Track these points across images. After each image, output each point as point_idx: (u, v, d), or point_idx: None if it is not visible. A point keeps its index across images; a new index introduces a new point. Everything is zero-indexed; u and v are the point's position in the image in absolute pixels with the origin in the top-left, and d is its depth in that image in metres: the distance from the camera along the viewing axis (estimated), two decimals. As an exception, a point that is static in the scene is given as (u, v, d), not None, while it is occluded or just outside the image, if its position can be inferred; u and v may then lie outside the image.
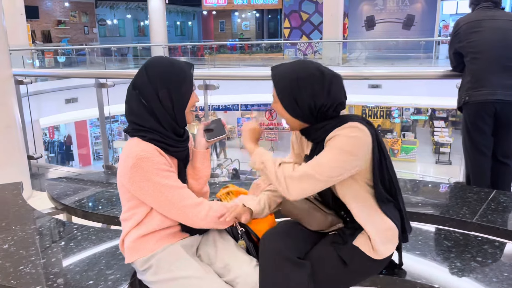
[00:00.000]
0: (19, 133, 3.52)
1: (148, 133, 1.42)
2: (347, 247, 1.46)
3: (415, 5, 17.96)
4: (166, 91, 1.42)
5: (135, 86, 1.45)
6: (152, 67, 1.44)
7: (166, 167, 1.41)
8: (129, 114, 1.46)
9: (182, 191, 1.43)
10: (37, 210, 2.21)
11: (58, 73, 5.80)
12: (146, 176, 1.37)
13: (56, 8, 18.76)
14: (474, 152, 2.84)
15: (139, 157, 1.37)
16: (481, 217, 2.01)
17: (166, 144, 1.43)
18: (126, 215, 1.49)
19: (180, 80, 1.44)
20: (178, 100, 1.44)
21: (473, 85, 2.73)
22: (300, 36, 18.70)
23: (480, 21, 2.79)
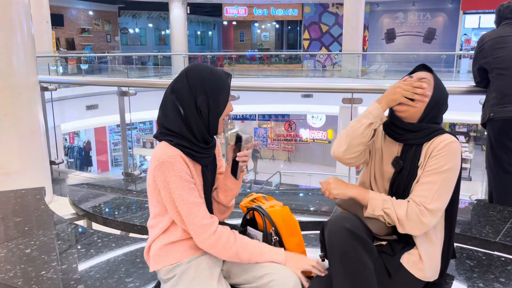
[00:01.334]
0: (42, 139, 3.59)
1: (175, 138, 1.43)
2: (394, 260, 1.47)
3: (436, 18, 17.84)
4: (205, 97, 1.43)
5: (173, 90, 1.47)
6: (192, 73, 1.46)
7: (186, 176, 1.41)
8: (161, 118, 1.47)
9: (194, 207, 1.41)
10: (58, 216, 2.25)
11: (82, 81, 5.94)
12: (165, 181, 1.39)
13: (80, 16, 19.20)
14: (497, 169, 2.79)
15: (162, 160, 1.39)
16: (505, 237, 1.97)
17: (192, 150, 1.45)
18: (153, 222, 1.50)
19: (219, 88, 1.46)
20: (215, 107, 1.45)
21: (498, 101, 2.69)
22: (320, 47, 18.75)
23: (505, 37, 2.77)
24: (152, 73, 17.47)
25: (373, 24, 18.55)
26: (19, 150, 3.37)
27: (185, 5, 17.81)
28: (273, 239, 1.55)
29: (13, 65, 3.30)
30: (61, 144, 10.72)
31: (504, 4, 2.93)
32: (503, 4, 2.93)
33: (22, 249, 1.86)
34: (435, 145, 1.48)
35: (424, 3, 17.64)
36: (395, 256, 1.49)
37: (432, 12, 17.81)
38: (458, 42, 17.29)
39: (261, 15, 19.58)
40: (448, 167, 1.45)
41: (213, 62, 19.00)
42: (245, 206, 1.68)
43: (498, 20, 2.93)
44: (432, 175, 1.45)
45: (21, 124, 3.37)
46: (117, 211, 2.37)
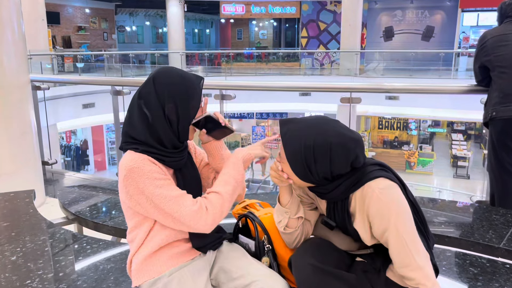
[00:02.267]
0: (34, 139, 3.51)
1: (141, 146, 1.34)
2: (380, 277, 1.34)
3: (434, 16, 17.79)
4: (173, 105, 1.34)
5: (141, 95, 1.37)
6: (160, 79, 1.36)
7: (159, 175, 1.32)
8: (127, 126, 1.38)
9: (179, 199, 1.32)
10: (47, 220, 2.17)
11: (75, 80, 5.84)
12: (139, 188, 1.30)
13: (77, 14, 19.07)
14: (500, 170, 2.72)
15: (129, 168, 1.30)
16: (509, 242, 1.90)
17: (161, 155, 1.36)
18: (130, 236, 1.42)
19: (189, 94, 1.36)
20: (185, 115, 1.36)
21: (500, 100, 2.62)
22: (318, 45, 18.68)
23: (508, 34, 2.69)
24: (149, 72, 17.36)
25: (371, 22, 18.49)
26: (10, 151, 3.29)
27: (182, 2, 17.71)
28: (266, 248, 1.48)
29: (3, 64, 3.22)
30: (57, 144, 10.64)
31: (506, 2, 2.84)
32: (505, 1, 2.85)
33: (8, 256, 1.78)
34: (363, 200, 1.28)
35: (422, 1, 17.59)
36: (380, 273, 1.36)
37: (430, 10, 17.76)
38: (456, 40, 17.25)
39: (258, 13, 19.49)
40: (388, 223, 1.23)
41: (211, 60, 18.90)
42: (237, 213, 1.61)
43: (500, 17, 2.86)
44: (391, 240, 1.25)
45: (12, 124, 3.29)
46: (108, 215, 2.29)
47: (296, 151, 1.28)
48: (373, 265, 1.38)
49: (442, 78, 13.27)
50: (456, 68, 14.93)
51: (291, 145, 1.29)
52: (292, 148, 1.29)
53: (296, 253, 1.38)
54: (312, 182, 1.32)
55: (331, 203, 1.37)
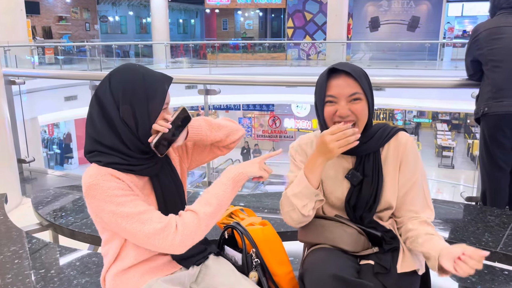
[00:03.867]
0: (8, 136, 3.34)
1: (105, 156, 1.20)
2: (392, 276, 1.29)
3: (420, 6, 17.76)
4: (129, 107, 1.19)
5: (96, 94, 1.23)
6: (117, 77, 1.21)
7: (120, 192, 1.17)
8: (89, 127, 1.23)
9: (142, 216, 1.17)
10: (19, 228, 2.03)
11: (52, 74, 5.56)
12: (99, 206, 1.17)
13: (57, 3, 18.56)
14: (492, 167, 2.65)
15: (88, 184, 1.16)
16: (506, 246, 1.83)
17: (129, 165, 1.21)
18: (104, 250, 1.30)
19: (148, 96, 1.20)
20: (143, 118, 1.20)
21: (493, 95, 2.54)
22: (304, 36, 18.51)
23: (501, 27, 2.60)
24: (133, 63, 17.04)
25: (357, 12, 18.38)
26: (-18, 150, 3.12)
27: (166, -8, 17.37)
28: (254, 262, 1.37)
29: (-28, 58, 3.02)
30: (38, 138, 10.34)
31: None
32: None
33: (-27, 271, 1.65)
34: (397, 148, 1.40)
35: (408, -9, 17.56)
36: (389, 270, 1.31)
37: (416, 0, 17.73)
38: (441, 31, 17.27)
39: (244, 3, 19.21)
40: (417, 169, 1.40)
41: (196, 51, 18.61)
42: (222, 223, 1.50)
43: (492, 9, 2.77)
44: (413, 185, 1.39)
45: (-17, 122, 3.12)
46: (85, 221, 2.16)
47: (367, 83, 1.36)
48: (380, 264, 1.32)
49: (428, 68, 13.29)
50: (442, 58, 14.98)
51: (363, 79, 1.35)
52: (365, 80, 1.35)
53: (313, 266, 1.28)
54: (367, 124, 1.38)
55: (362, 156, 1.39)
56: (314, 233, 1.41)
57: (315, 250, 1.39)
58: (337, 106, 1.33)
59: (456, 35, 17.28)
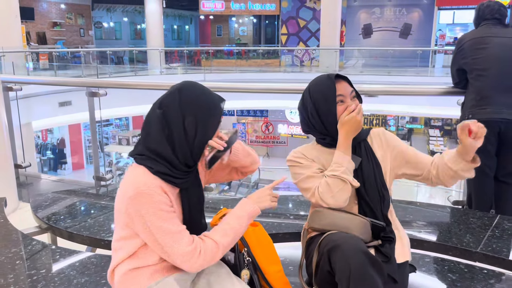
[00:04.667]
0: (6, 143, 3.39)
1: (156, 164, 1.30)
2: (392, 264, 1.48)
3: (412, 14, 18.00)
4: (194, 119, 1.32)
5: (162, 105, 1.34)
6: (186, 91, 1.35)
7: (165, 207, 1.29)
8: (144, 137, 1.34)
9: (176, 235, 1.29)
10: (19, 231, 2.10)
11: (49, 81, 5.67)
12: (140, 212, 1.26)
13: (52, 9, 18.59)
14: (477, 172, 2.74)
15: (139, 191, 1.26)
16: (486, 246, 1.92)
17: (173, 177, 1.32)
18: (118, 245, 1.37)
19: (211, 112, 1.35)
20: (203, 132, 1.34)
21: (477, 103, 2.65)
22: (297, 42, 18.67)
23: (485, 37, 2.71)
24: (128, 69, 17.11)
25: (350, 19, 18.58)
26: (-20, 156, 3.17)
27: (161, -2, 17.47)
28: (246, 261, 1.46)
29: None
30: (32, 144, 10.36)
31: (484, 3, 2.87)
32: (483, 3, 2.87)
33: (-24, 271, 1.71)
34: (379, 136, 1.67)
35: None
36: (391, 260, 1.48)
37: (408, 8, 17.96)
38: (433, 38, 17.49)
39: (238, 10, 19.35)
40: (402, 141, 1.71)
41: (190, 57, 18.70)
42: (215, 224, 1.57)
43: (477, 20, 2.88)
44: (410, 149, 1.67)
45: (-18, 128, 3.17)
46: (83, 224, 2.23)
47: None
48: (384, 254, 1.48)
49: (420, 75, 13.46)
50: (433, 65, 15.16)
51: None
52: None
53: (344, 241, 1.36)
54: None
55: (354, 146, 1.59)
56: (330, 219, 1.51)
57: (335, 233, 1.45)
58: (345, 104, 1.55)
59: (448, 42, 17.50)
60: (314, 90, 1.60)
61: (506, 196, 2.76)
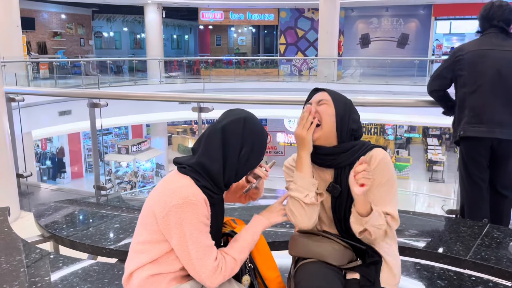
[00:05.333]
0: (8, 153, 3.46)
1: (202, 178, 1.40)
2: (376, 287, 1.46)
3: (409, 24, 18.20)
4: (250, 149, 1.46)
5: (225, 129, 1.44)
6: (251, 122, 1.48)
7: (206, 221, 1.38)
8: (203, 152, 1.43)
9: (208, 250, 1.37)
10: (22, 239, 2.16)
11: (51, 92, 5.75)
12: (182, 221, 1.33)
13: (52, 20, 18.76)
14: (470, 184, 2.79)
15: (188, 200, 1.33)
16: (475, 254, 1.99)
17: (213, 193, 1.42)
18: (141, 247, 1.41)
19: (264, 144, 1.52)
20: (252, 162, 1.50)
21: (470, 120, 2.63)
22: (296, 52, 18.85)
23: (485, 50, 2.63)
24: (127, 78, 17.23)
25: (348, 29, 18.77)
26: (-17, 166, 3.23)
27: (161, 9, 17.64)
28: (248, 267, 1.53)
29: (-24, 77, 3.16)
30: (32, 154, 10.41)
31: (496, 2, 2.70)
32: (494, 1, 2.70)
33: (-18, 279, 1.77)
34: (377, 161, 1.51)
35: (397, 9, 17.97)
36: (375, 284, 1.47)
37: (405, 18, 18.17)
38: (430, 47, 17.67)
39: (237, 20, 19.55)
40: (386, 179, 1.50)
41: (190, 67, 18.85)
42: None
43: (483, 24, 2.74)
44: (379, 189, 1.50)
45: (-15, 138, 3.24)
46: (85, 232, 2.29)
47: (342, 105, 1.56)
48: (367, 278, 1.47)
49: (417, 84, 13.56)
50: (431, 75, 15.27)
51: (338, 100, 1.57)
52: (340, 102, 1.56)
53: (301, 278, 1.43)
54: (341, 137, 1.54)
55: (339, 169, 1.54)
56: (304, 247, 1.55)
57: (305, 264, 1.51)
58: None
59: (445, 52, 17.67)
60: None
61: (500, 208, 2.80)
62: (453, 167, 16.25)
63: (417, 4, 17.24)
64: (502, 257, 1.96)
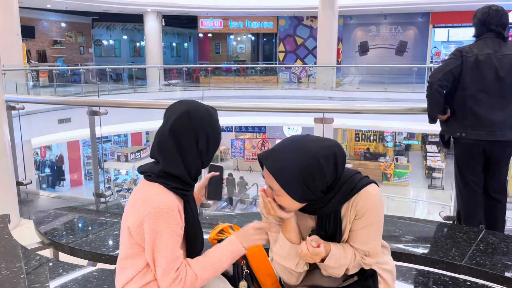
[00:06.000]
0: (9, 161, 3.49)
1: (172, 181, 1.40)
2: None
3: (407, 32, 18.31)
4: (206, 137, 1.45)
5: (173, 130, 1.43)
6: (195, 113, 1.45)
7: (178, 230, 1.39)
8: (162, 163, 1.42)
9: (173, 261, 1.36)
10: (23, 246, 2.18)
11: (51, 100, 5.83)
12: (155, 230, 1.35)
13: (52, 28, 18.87)
14: (465, 188, 2.84)
15: (159, 210, 1.34)
16: (470, 260, 2.01)
17: (185, 191, 1.44)
18: (124, 263, 1.44)
19: (216, 128, 1.49)
20: (214, 147, 1.48)
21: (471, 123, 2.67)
22: (295, 60, 18.94)
23: (486, 55, 2.66)
24: (127, 86, 17.30)
25: (346, 37, 18.88)
26: (-16, 174, 3.26)
27: (160, 17, 17.76)
28: (244, 272, 1.55)
29: (-23, 86, 3.20)
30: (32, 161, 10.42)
31: (492, 6, 2.73)
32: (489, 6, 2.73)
33: (-17, 285, 1.79)
34: (357, 206, 1.36)
35: (395, 17, 18.09)
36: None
37: (403, 26, 18.28)
38: (428, 55, 17.77)
39: (236, 28, 19.67)
40: (371, 221, 1.37)
41: (189, 74, 18.93)
42: (214, 238, 1.66)
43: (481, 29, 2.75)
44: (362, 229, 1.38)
45: (-14, 146, 3.27)
46: (85, 239, 2.31)
47: (291, 179, 1.30)
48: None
49: (416, 92, 13.63)
50: (430, 78, 15.34)
51: (283, 176, 1.30)
52: (286, 178, 1.30)
53: None
54: (311, 200, 1.34)
55: (322, 217, 1.40)
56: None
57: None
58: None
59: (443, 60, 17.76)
60: None
61: (495, 213, 2.84)
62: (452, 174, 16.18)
63: (415, 12, 17.36)
64: (496, 263, 1.98)
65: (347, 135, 17.61)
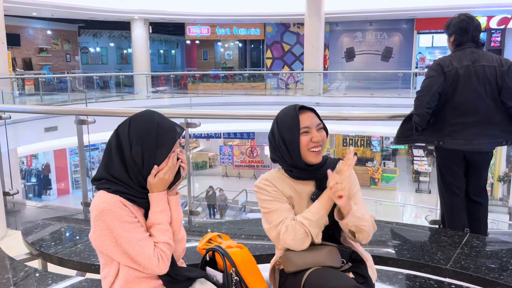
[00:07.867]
0: (-5, 171, 3.46)
1: (113, 185, 1.41)
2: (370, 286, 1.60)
3: (392, 38, 18.55)
4: (140, 149, 1.42)
5: (118, 131, 1.46)
6: (136, 121, 1.45)
7: (129, 218, 1.39)
8: (105, 157, 1.45)
9: (143, 242, 1.40)
10: (10, 257, 2.17)
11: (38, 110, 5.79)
12: (108, 229, 1.36)
13: (38, 36, 18.70)
14: (447, 192, 2.90)
15: (101, 209, 1.36)
16: (455, 263, 2.05)
17: (131, 195, 1.44)
18: (104, 273, 1.48)
19: (158, 143, 1.43)
20: (149, 162, 1.43)
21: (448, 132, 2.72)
22: (282, 66, 19.05)
23: (466, 66, 2.67)
24: (114, 93, 17.20)
25: (333, 43, 19.06)
26: (-30, 184, 3.22)
27: (147, 24, 17.73)
28: (234, 280, 1.56)
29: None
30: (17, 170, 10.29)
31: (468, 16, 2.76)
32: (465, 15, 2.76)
33: (-30, 298, 1.78)
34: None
35: (380, 23, 18.33)
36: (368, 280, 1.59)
37: (388, 32, 18.52)
38: (413, 60, 18.02)
39: (224, 34, 19.72)
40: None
41: (177, 81, 18.90)
42: (203, 248, 1.68)
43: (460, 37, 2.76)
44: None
45: (-28, 157, 3.24)
46: (73, 249, 2.30)
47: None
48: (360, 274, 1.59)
49: (402, 96, 13.81)
50: (415, 87, 15.59)
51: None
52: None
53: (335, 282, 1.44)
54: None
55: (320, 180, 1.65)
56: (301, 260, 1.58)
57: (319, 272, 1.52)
58: (311, 134, 1.60)
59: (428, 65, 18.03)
60: (281, 120, 1.65)
61: (477, 216, 2.90)
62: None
63: (400, 18, 17.61)
64: (481, 266, 2.02)
65: (335, 140, 17.74)
